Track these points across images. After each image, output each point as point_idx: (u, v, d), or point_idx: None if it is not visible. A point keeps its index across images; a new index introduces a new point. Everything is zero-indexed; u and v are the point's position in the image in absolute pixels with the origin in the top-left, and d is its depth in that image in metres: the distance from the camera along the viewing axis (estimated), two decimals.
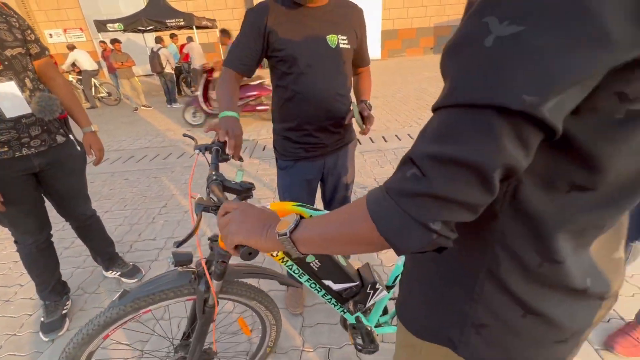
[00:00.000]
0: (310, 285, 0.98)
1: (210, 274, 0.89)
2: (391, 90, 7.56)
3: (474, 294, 0.45)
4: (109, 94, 8.56)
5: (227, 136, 0.94)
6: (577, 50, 0.26)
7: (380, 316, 1.23)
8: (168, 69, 7.29)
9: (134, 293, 0.92)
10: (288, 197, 1.42)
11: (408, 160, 0.35)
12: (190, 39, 7.73)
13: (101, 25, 8.67)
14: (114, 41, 6.83)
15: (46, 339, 1.59)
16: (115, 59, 6.77)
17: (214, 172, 0.82)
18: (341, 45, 1.20)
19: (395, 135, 4.40)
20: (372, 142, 4.22)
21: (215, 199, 0.77)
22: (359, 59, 1.34)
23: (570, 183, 0.35)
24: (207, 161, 0.90)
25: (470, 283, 0.45)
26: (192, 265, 0.94)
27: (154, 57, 7.16)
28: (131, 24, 8.69)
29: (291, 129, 1.30)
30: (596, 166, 0.33)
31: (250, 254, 0.57)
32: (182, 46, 10.62)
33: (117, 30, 8.78)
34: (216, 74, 5.32)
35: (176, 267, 0.90)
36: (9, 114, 1.29)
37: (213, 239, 0.89)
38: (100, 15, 12.80)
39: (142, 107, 7.27)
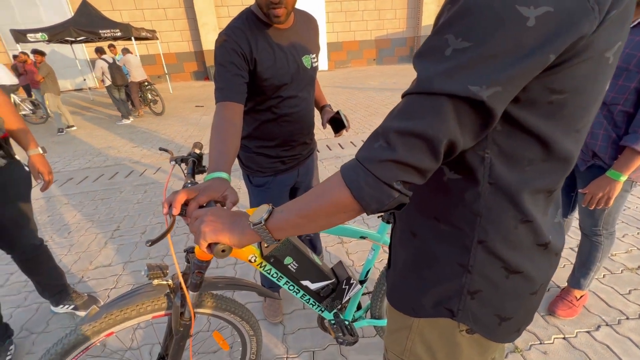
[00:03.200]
0: (288, 288, 1.01)
1: (187, 286, 0.88)
2: (341, 99, 7.86)
3: (469, 266, 0.53)
4: (33, 112, 7.65)
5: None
6: (504, 58, 0.36)
7: (355, 311, 1.30)
8: (107, 83, 6.71)
9: (106, 308, 0.87)
10: None
11: (377, 134, 0.42)
12: (126, 51, 7.24)
13: (20, 36, 7.79)
14: (36, 52, 6.05)
15: None
16: (38, 72, 6.02)
17: (189, 181, 0.83)
18: (314, 65, 1.26)
19: (351, 142, 4.59)
20: (330, 149, 4.36)
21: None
22: None
23: (528, 158, 0.46)
24: (183, 172, 0.89)
25: (465, 257, 0.53)
26: (168, 278, 0.92)
27: (113, 69, 6.53)
28: (57, 34, 7.91)
29: (270, 147, 1.31)
30: (543, 143, 0.44)
31: (224, 250, 0.59)
32: None
33: (39, 41, 7.93)
34: None
35: (151, 280, 0.87)
36: None
37: (189, 250, 0.88)
38: (17, 24, 11.49)
39: (67, 129, 6.50)
